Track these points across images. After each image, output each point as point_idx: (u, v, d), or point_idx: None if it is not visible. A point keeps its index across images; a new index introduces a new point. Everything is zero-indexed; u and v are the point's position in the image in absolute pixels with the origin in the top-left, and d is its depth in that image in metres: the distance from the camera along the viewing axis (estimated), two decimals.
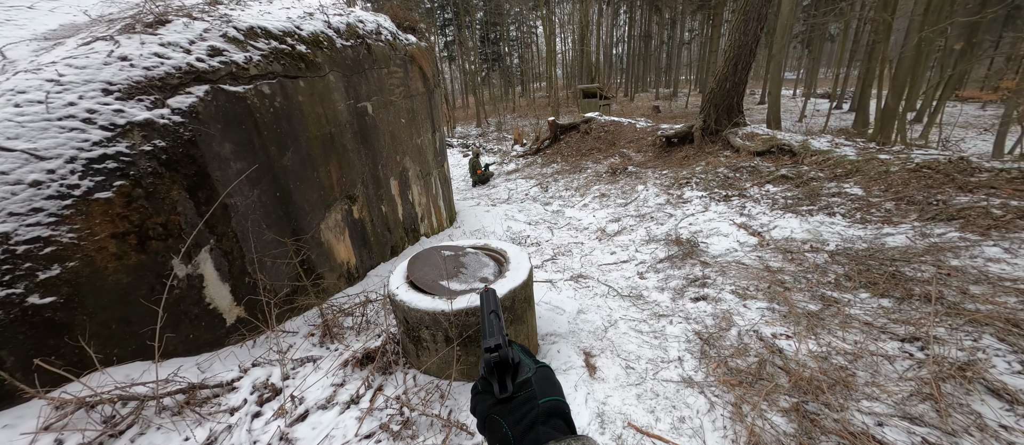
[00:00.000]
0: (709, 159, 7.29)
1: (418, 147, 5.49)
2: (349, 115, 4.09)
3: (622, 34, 37.56)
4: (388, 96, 4.77)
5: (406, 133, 5.18)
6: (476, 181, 10.15)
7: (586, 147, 10.41)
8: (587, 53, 20.59)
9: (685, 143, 8.42)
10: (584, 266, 4.69)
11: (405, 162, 5.18)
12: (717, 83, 7.73)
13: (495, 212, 7.36)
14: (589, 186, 8.00)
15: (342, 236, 4.00)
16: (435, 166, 6.07)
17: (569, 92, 32.27)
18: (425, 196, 5.75)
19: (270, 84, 3.16)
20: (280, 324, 3.11)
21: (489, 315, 0.59)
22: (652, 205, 6.23)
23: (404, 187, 5.16)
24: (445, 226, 6.41)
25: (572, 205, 7.26)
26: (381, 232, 4.67)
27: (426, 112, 5.71)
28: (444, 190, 6.46)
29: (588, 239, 5.58)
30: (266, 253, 3.03)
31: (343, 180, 4.02)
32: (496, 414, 0.49)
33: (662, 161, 8.21)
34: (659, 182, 7.09)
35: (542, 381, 0.53)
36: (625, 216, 6.09)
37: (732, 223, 4.82)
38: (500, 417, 0.49)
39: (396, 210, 5.00)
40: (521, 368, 0.54)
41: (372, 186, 4.51)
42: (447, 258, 2.91)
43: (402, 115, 5.07)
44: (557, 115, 18.52)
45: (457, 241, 3.26)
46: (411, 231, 5.37)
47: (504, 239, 5.78)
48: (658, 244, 4.80)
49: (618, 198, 7.01)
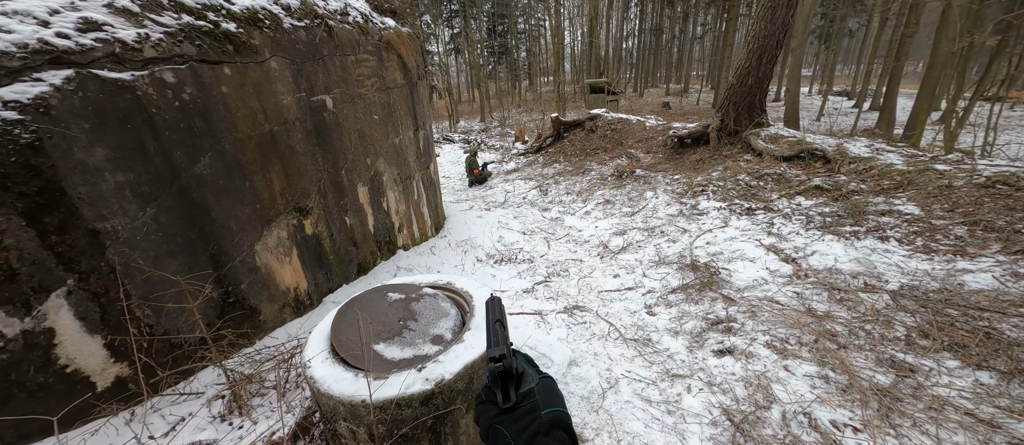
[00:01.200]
0: (727, 164, 6.45)
1: (396, 148, 4.74)
2: (300, 111, 3.35)
3: (632, 28, 36.30)
4: (356, 88, 4.02)
5: (380, 132, 4.43)
6: (473, 181, 9.40)
7: (591, 146, 9.58)
8: (596, 46, 19.60)
9: (699, 144, 7.57)
10: (582, 292, 3.92)
11: (378, 165, 4.44)
12: (737, 78, 6.85)
13: (488, 218, 6.60)
14: (592, 190, 7.21)
15: (288, 257, 3.28)
16: (418, 169, 5.33)
17: (577, 87, 31.24)
18: (404, 203, 5.01)
19: (176, 70, 2.42)
20: (174, 385, 2.41)
21: (494, 324, 0.58)
22: (662, 216, 5.43)
23: (376, 194, 4.43)
24: (429, 235, 5.68)
25: (573, 212, 6.48)
26: (344, 249, 3.94)
27: (407, 107, 4.95)
28: (429, 195, 5.72)
29: (588, 255, 4.81)
30: (163, 290, 2.32)
31: (290, 189, 3.29)
32: (500, 424, 0.49)
33: (674, 164, 7.37)
34: (671, 189, 6.27)
35: (545, 392, 0.52)
36: (631, 228, 5.30)
37: (759, 244, 4.01)
38: (503, 427, 0.49)
39: (365, 221, 4.27)
40: (525, 378, 0.53)
41: (333, 195, 3.77)
42: (394, 304, 2.17)
43: (375, 111, 4.32)
44: (563, 111, 17.63)
45: (415, 276, 2.51)
46: (385, 244, 4.64)
47: (493, 254, 5.03)
48: (670, 268, 4.02)
49: (624, 206, 6.20)
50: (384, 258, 4.60)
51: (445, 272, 4.48)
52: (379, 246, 4.52)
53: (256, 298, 2.99)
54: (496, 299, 0.63)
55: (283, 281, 3.23)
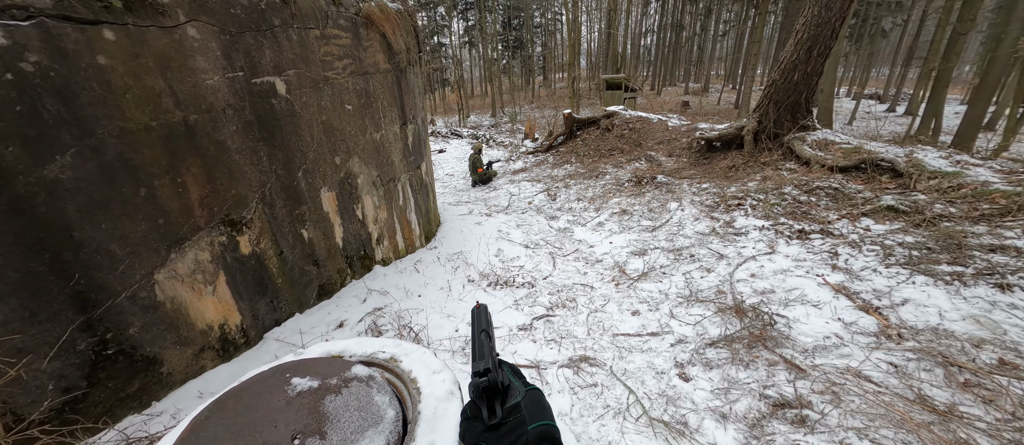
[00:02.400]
0: (766, 173, 5.48)
1: (376, 144, 3.93)
2: (235, 95, 2.56)
3: (651, 24, 34.85)
4: (321, 71, 3.21)
5: (355, 125, 3.62)
6: (476, 181, 8.58)
7: (606, 147, 8.65)
8: (614, 40, 18.50)
9: (731, 148, 6.59)
10: (592, 333, 3.08)
11: (351, 165, 3.64)
12: (781, 73, 5.85)
13: (488, 226, 5.77)
14: (607, 197, 6.31)
15: (210, 286, 2.50)
16: (405, 169, 4.51)
17: (592, 83, 30.10)
18: (386, 209, 4.21)
19: (9, 29, 1.63)
20: None
21: (479, 334, 0.56)
22: (690, 234, 4.52)
23: (348, 200, 3.63)
24: (417, 246, 4.87)
25: (584, 222, 5.60)
26: (299, 269, 3.16)
27: (392, 97, 4.13)
28: (419, 199, 4.91)
29: (601, 280, 3.94)
30: None
31: (217, 197, 2.50)
32: (485, 441, 0.48)
33: (701, 170, 6.42)
34: (699, 200, 5.34)
35: (532, 405, 0.50)
36: (653, 247, 4.41)
37: (822, 282, 3.09)
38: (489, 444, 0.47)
39: (331, 234, 3.48)
40: (511, 392, 0.51)
41: (284, 202, 2.99)
42: (295, 402, 1.35)
43: (348, 99, 3.51)
44: (577, 107, 16.66)
45: (347, 341, 1.67)
46: (359, 260, 3.85)
47: (488, 273, 4.20)
48: (706, 308, 3.13)
49: (644, 217, 5.30)
50: (356, 276, 3.81)
51: (426, 296, 3.67)
52: (350, 262, 3.73)
53: (156, 344, 2.22)
54: (482, 307, 0.61)
55: (202, 317, 2.45)
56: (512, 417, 0.49)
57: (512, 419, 0.48)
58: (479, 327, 0.58)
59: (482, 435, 0.49)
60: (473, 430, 0.50)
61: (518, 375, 0.58)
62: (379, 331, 3.01)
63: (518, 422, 0.48)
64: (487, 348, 0.55)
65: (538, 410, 0.50)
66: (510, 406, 0.49)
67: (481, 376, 0.50)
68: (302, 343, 2.83)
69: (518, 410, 0.49)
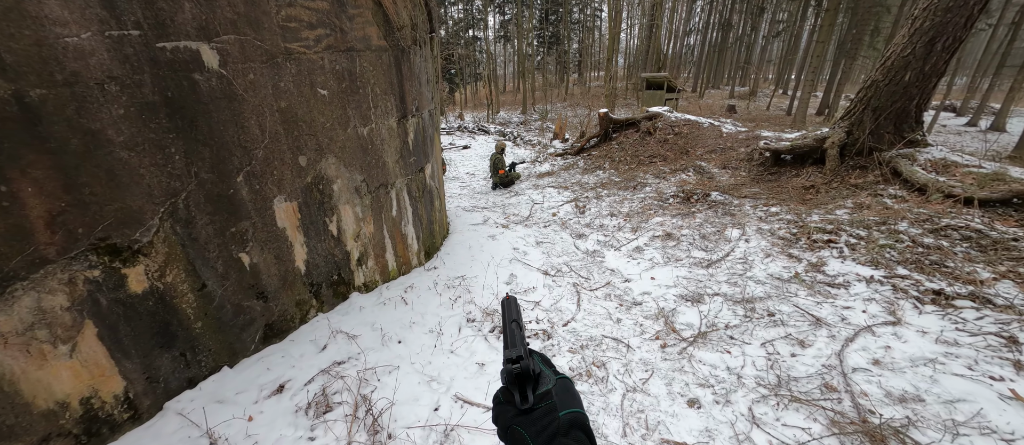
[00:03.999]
0: (860, 198, 4.22)
1: (361, 142, 3.05)
2: (122, 63, 1.71)
3: (697, 22, 32.57)
4: (281, 41, 2.35)
5: (332, 116, 2.75)
6: (497, 183, 7.64)
7: (646, 153, 7.47)
8: (657, 37, 16.98)
9: (806, 164, 5.31)
10: (628, 431, 2.07)
11: (324, 167, 2.77)
12: (885, 72, 4.53)
13: (502, 241, 4.82)
14: (646, 214, 5.20)
15: (68, 343, 1.68)
16: (403, 173, 3.62)
17: (629, 83, 28.46)
18: (373, 222, 3.33)
19: None
20: None
21: (510, 324, 0.57)
22: (763, 278, 3.38)
23: (316, 212, 2.77)
24: (414, 264, 3.98)
25: (618, 245, 4.54)
26: (233, 306, 2.32)
27: (387, 83, 3.23)
28: (421, 208, 4.01)
29: (640, 335, 2.91)
30: None
31: (81, 213, 1.67)
32: (518, 425, 0.47)
33: (767, 189, 5.18)
34: (769, 228, 4.16)
35: (563, 393, 0.50)
36: (712, 291, 3.32)
37: (1011, 395, 1.93)
38: (522, 428, 0.47)
39: (289, 255, 2.62)
40: (542, 379, 0.51)
41: (210, 217, 2.14)
42: None
43: (322, 82, 2.63)
44: (612, 107, 15.37)
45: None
46: (331, 286, 3.00)
47: (494, 311, 3.25)
48: (809, 413, 2.04)
49: (695, 246, 4.18)
50: (324, 308, 2.95)
51: (408, 343, 2.76)
52: (317, 291, 2.87)
53: None
54: (512, 298, 0.62)
55: (47, 392, 1.63)
56: (543, 403, 0.48)
57: (543, 405, 0.48)
58: (510, 317, 0.59)
59: (514, 419, 0.48)
60: (505, 414, 0.49)
61: (548, 364, 0.56)
62: (328, 405, 2.13)
63: (549, 408, 0.47)
64: (519, 337, 0.55)
65: (569, 398, 0.50)
66: (541, 393, 0.49)
67: (514, 363, 0.50)
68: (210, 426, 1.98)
69: (549, 397, 0.49)
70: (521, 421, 0.48)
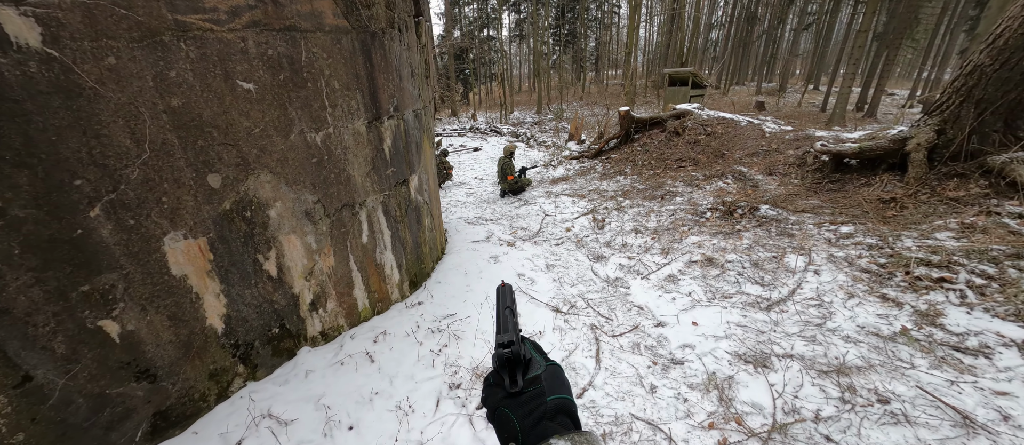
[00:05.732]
0: (963, 216, 3.21)
1: (314, 152, 2.30)
2: None
3: (720, 16, 30.87)
4: (169, 12, 1.60)
5: (263, 118, 2.00)
6: (505, 190, 6.83)
7: (674, 156, 6.51)
8: (681, 29, 15.77)
9: (879, 169, 4.28)
10: None
11: (254, 187, 2.02)
12: (994, 55, 3.48)
13: (506, 264, 4.01)
14: (679, 232, 4.29)
15: None
16: (376, 188, 2.85)
17: (649, 81, 27.15)
18: (335, 254, 2.57)
19: None
20: None
21: (503, 311, 0.57)
22: (850, 329, 2.45)
23: (240, 248, 2.02)
24: (394, 298, 3.21)
25: (645, 271, 3.66)
26: (82, 402, 1.57)
27: (350, 75, 2.47)
28: (402, 230, 3.24)
29: (686, 418, 2.04)
30: None
31: None
32: (506, 407, 0.48)
33: (830, 201, 4.18)
34: (843, 255, 3.21)
35: (551, 379, 0.51)
36: (779, 346, 2.41)
37: None
38: (509, 410, 0.48)
39: (194, 313, 1.88)
40: (532, 365, 0.52)
41: (33, 275, 1.41)
42: None
43: (246, 72, 1.88)
44: (632, 106, 14.32)
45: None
46: (269, 343, 2.25)
47: (485, 371, 2.44)
48: None
49: (746, 276, 3.26)
50: (258, 373, 2.20)
51: (361, 434, 1.97)
52: (244, 353, 2.13)
53: None
54: (507, 286, 0.61)
55: None
56: (532, 388, 0.49)
57: (532, 389, 0.49)
58: (504, 304, 0.58)
59: (502, 401, 0.49)
60: (494, 396, 0.50)
61: (540, 351, 0.57)
62: None
63: (537, 393, 0.48)
64: (511, 323, 0.55)
65: (557, 384, 0.50)
66: (531, 377, 0.50)
67: (505, 347, 0.50)
68: None
69: (538, 382, 0.49)
70: (509, 403, 0.48)
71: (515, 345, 0.50)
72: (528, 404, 0.47)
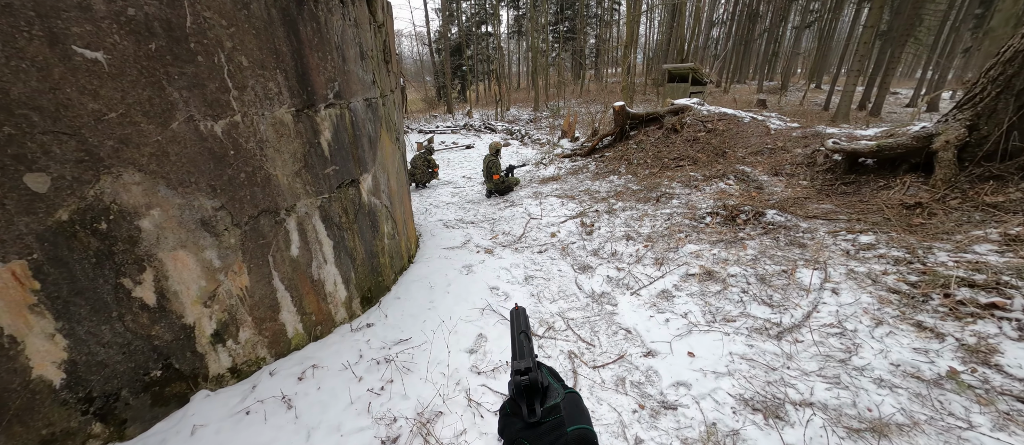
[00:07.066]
0: (1007, 225, 2.72)
1: (213, 145, 1.81)
2: None
3: (721, 14, 30.26)
4: None
5: (124, 100, 1.52)
6: (491, 190, 6.33)
7: (671, 154, 6.01)
8: (681, 25, 15.22)
9: (900, 170, 3.78)
10: None
11: (109, 190, 1.55)
12: None
13: (480, 275, 3.52)
14: (675, 239, 3.79)
15: None
16: (311, 191, 2.36)
17: (648, 79, 26.57)
18: (251, 271, 2.09)
19: None
20: None
21: (519, 335, 0.55)
22: (882, 369, 1.96)
23: (90, 273, 1.55)
24: (340, 318, 2.72)
25: (635, 285, 3.17)
26: None
27: (265, 51, 1.97)
28: (349, 238, 2.75)
29: None
30: None
31: None
32: (524, 439, 0.46)
33: (846, 206, 3.68)
34: (866, 271, 2.71)
35: (571, 407, 0.47)
36: (794, 389, 1.93)
37: None
38: (528, 442, 0.45)
39: (14, 364, 1.39)
40: (550, 393, 0.49)
41: None
42: None
43: (92, 38, 1.41)
44: (631, 101, 13.80)
45: None
46: (147, 390, 1.77)
47: (434, 415, 1.95)
48: None
49: (751, 295, 2.76)
50: (127, 431, 1.72)
51: None
52: (102, 408, 1.65)
53: None
54: (521, 309, 0.59)
55: None
56: (551, 417, 0.46)
57: (551, 419, 0.46)
58: (519, 328, 0.56)
59: (521, 432, 0.46)
60: (512, 427, 0.48)
61: (557, 378, 0.53)
62: None
63: (557, 423, 0.45)
64: (527, 348, 0.52)
65: (577, 413, 0.47)
66: (549, 406, 0.47)
67: (522, 375, 0.48)
68: None
69: (557, 411, 0.46)
70: (528, 435, 0.46)
71: (533, 372, 0.48)
72: (547, 436, 0.44)
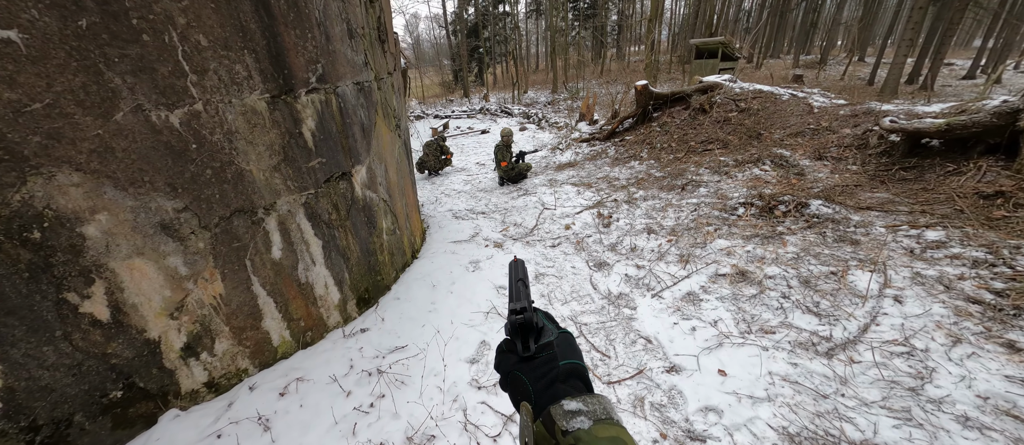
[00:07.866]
0: None
1: (171, 138, 1.60)
2: None
3: None
4: None
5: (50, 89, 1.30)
6: (503, 177, 6.02)
7: (699, 137, 5.50)
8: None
9: (973, 152, 3.22)
10: None
11: (39, 193, 1.34)
12: None
13: (487, 272, 3.26)
14: (703, 233, 3.40)
15: None
16: (294, 187, 2.13)
17: (674, 55, 25.20)
18: (226, 277, 1.89)
19: None
20: None
21: (516, 282, 0.57)
22: (966, 402, 1.59)
23: (19, 286, 1.36)
24: (333, 322, 2.53)
25: (658, 287, 2.83)
26: None
27: (229, 28, 1.72)
28: (342, 236, 2.53)
29: None
30: None
31: None
32: (518, 371, 0.49)
33: (907, 195, 3.18)
34: (936, 274, 2.27)
35: (563, 345, 0.50)
36: (853, 426, 1.58)
37: None
38: (523, 374, 0.48)
39: None
40: (544, 332, 0.51)
41: None
42: None
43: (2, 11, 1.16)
44: (654, 82, 13.00)
45: None
46: (105, 412, 1.61)
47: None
48: None
49: (794, 302, 2.38)
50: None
51: None
52: (52, 436, 1.49)
53: None
54: (520, 261, 0.61)
55: None
56: (544, 352, 0.49)
57: (544, 354, 0.48)
58: (516, 276, 0.58)
59: (515, 366, 0.49)
60: (507, 362, 0.51)
61: (552, 320, 0.55)
62: None
63: (549, 357, 0.48)
64: (523, 293, 0.55)
65: (569, 349, 0.50)
66: (543, 343, 0.49)
67: (517, 314, 0.51)
68: None
69: (550, 347, 0.49)
70: (522, 368, 0.48)
71: (527, 312, 0.50)
72: (540, 368, 0.47)
